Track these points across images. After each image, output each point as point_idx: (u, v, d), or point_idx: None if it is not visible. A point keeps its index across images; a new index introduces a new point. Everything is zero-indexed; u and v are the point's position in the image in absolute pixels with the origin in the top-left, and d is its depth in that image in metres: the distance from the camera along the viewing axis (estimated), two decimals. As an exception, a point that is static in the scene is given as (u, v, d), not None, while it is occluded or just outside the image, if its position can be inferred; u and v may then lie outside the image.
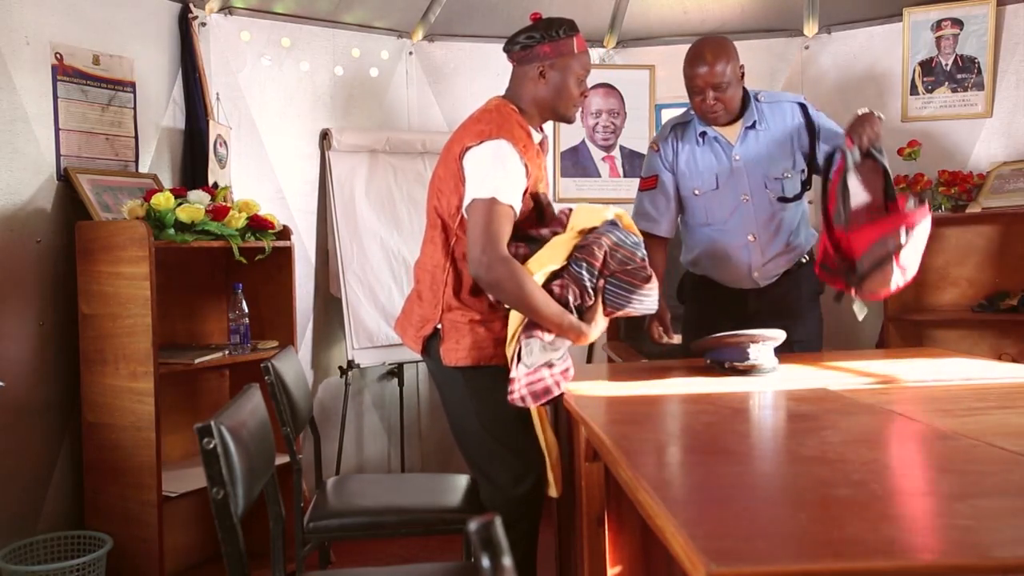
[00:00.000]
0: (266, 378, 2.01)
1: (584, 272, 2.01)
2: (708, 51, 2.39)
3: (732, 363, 2.07)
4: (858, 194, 2.19)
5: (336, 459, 3.45)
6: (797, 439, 1.47)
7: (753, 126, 2.48)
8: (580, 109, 2.25)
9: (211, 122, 3.12)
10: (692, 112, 2.53)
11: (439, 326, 2.11)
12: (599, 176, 3.84)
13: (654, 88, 3.85)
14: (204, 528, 3.10)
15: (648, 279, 2.04)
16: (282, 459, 2.67)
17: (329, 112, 3.60)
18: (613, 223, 2.07)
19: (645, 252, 2.06)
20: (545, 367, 1.98)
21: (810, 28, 3.79)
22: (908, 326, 3.51)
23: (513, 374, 1.99)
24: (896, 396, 1.78)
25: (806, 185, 2.56)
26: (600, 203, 2.26)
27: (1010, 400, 1.76)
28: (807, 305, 2.60)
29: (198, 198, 2.79)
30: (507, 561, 0.76)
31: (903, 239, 2.06)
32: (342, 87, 3.63)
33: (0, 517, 2.63)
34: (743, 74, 2.45)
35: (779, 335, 2.11)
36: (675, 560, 0.96)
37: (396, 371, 3.70)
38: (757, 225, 2.51)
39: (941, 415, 1.55)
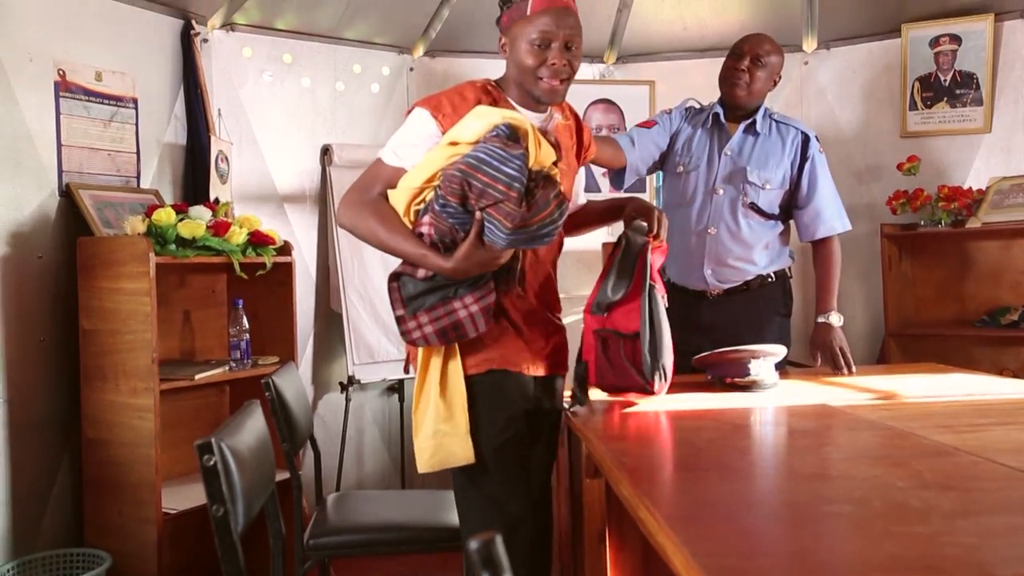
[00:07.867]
0: (266, 394, 2.01)
1: (439, 207, 1.67)
2: (766, 36, 2.55)
3: (733, 379, 2.06)
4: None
5: (336, 475, 3.44)
6: (798, 456, 1.47)
7: (753, 126, 2.56)
8: (549, 81, 1.79)
9: (213, 138, 3.13)
10: (712, 105, 2.62)
11: None
12: (599, 191, 3.84)
13: (654, 103, 3.86)
14: (204, 545, 3.08)
15: (515, 216, 1.59)
16: (282, 475, 2.65)
17: (330, 128, 3.61)
18: (497, 135, 1.64)
19: (522, 179, 1.59)
20: (456, 300, 1.72)
21: (809, 44, 3.80)
22: (908, 341, 3.50)
23: (399, 313, 1.75)
24: (897, 412, 1.78)
25: (785, 216, 2.59)
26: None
27: (1011, 416, 1.75)
28: (768, 323, 2.57)
29: (199, 214, 2.79)
30: (507, 580, 0.76)
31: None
32: (343, 103, 3.65)
33: (-1, 534, 2.62)
34: (775, 84, 2.57)
35: (780, 351, 2.11)
36: (676, 578, 0.95)
37: (396, 387, 3.70)
38: (721, 220, 2.54)
39: (942, 431, 1.54)
